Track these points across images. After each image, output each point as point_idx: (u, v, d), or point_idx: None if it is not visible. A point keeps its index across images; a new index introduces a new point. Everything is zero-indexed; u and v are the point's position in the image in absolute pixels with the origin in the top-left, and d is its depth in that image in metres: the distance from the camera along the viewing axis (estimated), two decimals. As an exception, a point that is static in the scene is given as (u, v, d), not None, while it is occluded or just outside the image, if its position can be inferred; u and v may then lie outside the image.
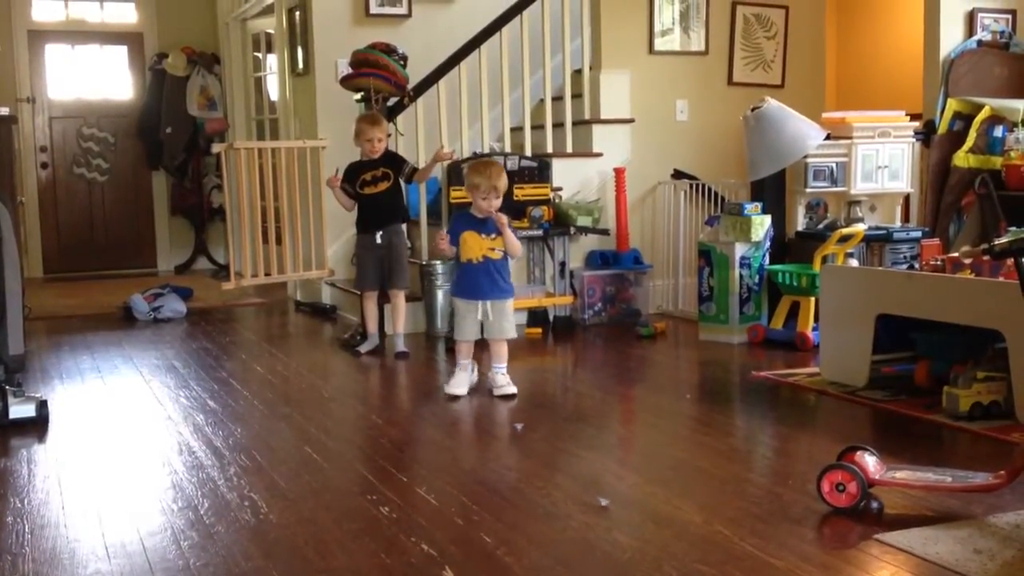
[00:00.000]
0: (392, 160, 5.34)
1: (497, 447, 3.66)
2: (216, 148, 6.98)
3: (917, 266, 4.45)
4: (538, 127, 6.24)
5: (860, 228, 5.25)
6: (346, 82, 5.89)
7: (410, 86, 5.89)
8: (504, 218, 4.29)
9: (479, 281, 4.31)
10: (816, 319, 4.92)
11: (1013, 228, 4.50)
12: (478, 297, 4.31)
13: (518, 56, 6.10)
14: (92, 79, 9.39)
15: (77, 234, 9.36)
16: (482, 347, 4.45)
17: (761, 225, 5.31)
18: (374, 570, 2.51)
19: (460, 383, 4.33)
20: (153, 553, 2.65)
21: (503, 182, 4.28)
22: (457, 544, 2.66)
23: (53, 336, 6.08)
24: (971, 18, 6.08)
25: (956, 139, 5.78)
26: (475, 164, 4.47)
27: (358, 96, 5.81)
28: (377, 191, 5.27)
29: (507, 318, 4.35)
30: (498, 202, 4.28)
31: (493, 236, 4.29)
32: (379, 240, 5.23)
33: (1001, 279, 3.72)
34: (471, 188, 4.29)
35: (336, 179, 5.27)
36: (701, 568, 2.45)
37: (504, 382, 4.29)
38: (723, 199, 5.98)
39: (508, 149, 6.10)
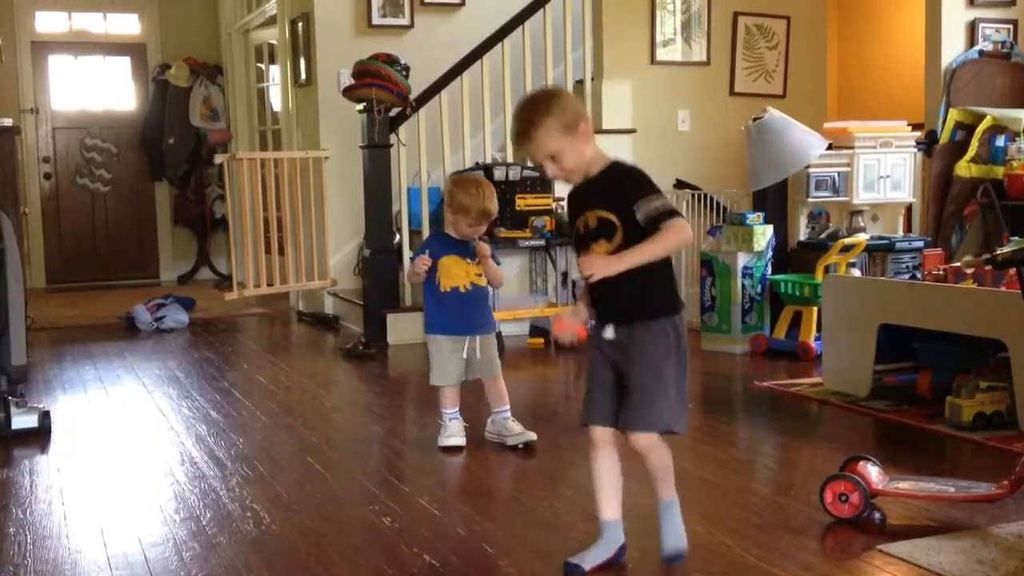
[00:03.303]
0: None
1: (499, 457, 3.65)
2: (219, 159, 7.00)
3: (919, 276, 4.44)
4: (540, 137, 6.23)
5: (862, 238, 5.25)
6: (348, 93, 5.90)
7: (412, 96, 5.90)
8: (487, 248, 3.65)
9: (466, 313, 3.67)
10: (818, 329, 4.92)
11: (1015, 238, 4.50)
12: (466, 332, 3.66)
13: (520, 66, 6.10)
14: (95, 90, 9.41)
15: (80, 244, 9.37)
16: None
17: (763, 235, 5.31)
18: (376, 581, 2.51)
19: (455, 433, 3.69)
20: (155, 564, 2.65)
21: (495, 204, 3.61)
22: (459, 554, 2.66)
23: (56, 346, 6.09)
24: (972, 28, 6.08)
25: (958, 149, 5.77)
26: (462, 182, 3.68)
27: (360, 107, 5.82)
28: None
29: (496, 353, 3.76)
30: (484, 228, 3.66)
31: (477, 262, 3.66)
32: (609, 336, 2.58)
33: (1003, 289, 3.72)
34: (456, 210, 3.58)
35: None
36: (704, 579, 2.45)
37: (520, 428, 3.68)
38: (725, 209, 5.98)
39: (510, 159, 6.10)
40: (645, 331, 2.44)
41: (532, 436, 3.66)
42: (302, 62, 7.03)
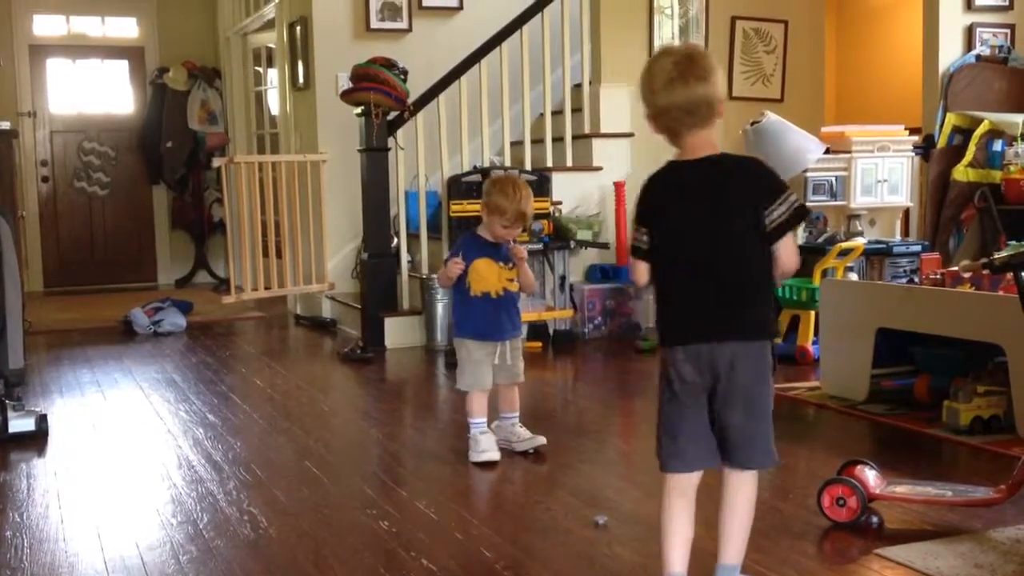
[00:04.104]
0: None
1: (497, 462, 3.65)
2: (217, 162, 7.00)
3: (917, 280, 4.45)
4: (538, 141, 6.25)
5: (860, 242, 5.25)
6: (346, 96, 5.90)
7: (410, 100, 5.90)
8: (523, 252, 3.57)
9: (498, 318, 3.58)
10: (816, 333, 4.92)
11: (1013, 242, 4.51)
12: (497, 337, 3.57)
13: (518, 70, 6.11)
14: (93, 93, 9.42)
15: (78, 248, 9.37)
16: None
17: (761, 239, 5.31)
18: (374, 585, 2.51)
19: (488, 447, 3.54)
20: (152, 568, 2.65)
21: (532, 206, 3.54)
22: (457, 559, 2.66)
23: (53, 350, 6.08)
24: (970, 32, 6.09)
25: (955, 153, 5.78)
26: (499, 182, 3.56)
27: (359, 110, 5.82)
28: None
29: (521, 358, 3.66)
30: (519, 230, 3.60)
31: (511, 266, 3.58)
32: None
33: (1001, 293, 3.72)
34: (492, 211, 3.50)
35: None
36: (701, 583, 2.44)
37: (528, 433, 3.63)
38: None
39: (508, 163, 6.10)
40: None
41: (541, 440, 3.61)
42: (300, 66, 7.03)
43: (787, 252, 2.24)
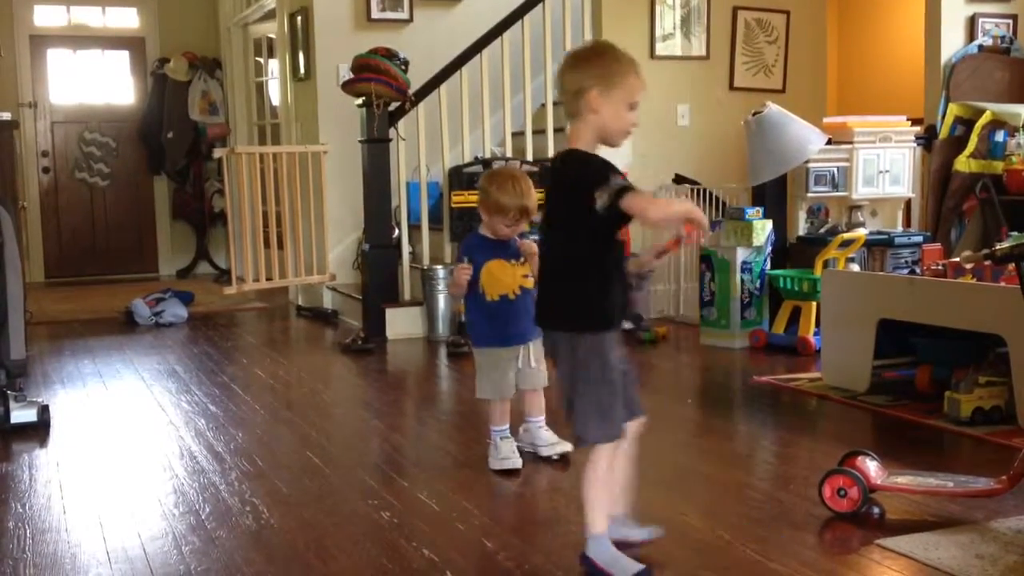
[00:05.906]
0: None
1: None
2: (218, 153, 6.99)
3: (919, 271, 4.45)
4: (539, 132, 6.24)
5: (861, 233, 5.25)
6: (347, 87, 5.89)
7: (411, 91, 5.89)
8: (535, 247, 3.14)
9: (519, 321, 3.28)
10: (818, 324, 4.92)
11: (1014, 233, 4.49)
12: (521, 341, 3.32)
13: (519, 61, 6.10)
14: (94, 84, 9.40)
15: (79, 239, 9.37)
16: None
17: (762, 230, 5.31)
18: (375, 575, 2.51)
19: (509, 454, 3.32)
20: (154, 558, 2.65)
21: (535, 199, 3.24)
22: (458, 549, 2.66)
23: (55, 341, 6.08)
24: (972, 23, 6.08)
25: (957, 144, 5.77)
26: (496, 177, 3.30)
27: (359, 101, 5.81)
28: None
29: (544, 361, 3.36)
30: (524, 227, 3.31)
31: (522, 261, 3.31)
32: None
33: (1002, 284, 3.72)
34: (492, 211, 3.25)
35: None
36: (703, 574, 2.45)
37: (555, 438, 3.41)
38: (724, 204, 5.98)
39: (510, 154, 6.10)
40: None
41: (568, 447, 3.34)
42: (301, 56, 7.02)
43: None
